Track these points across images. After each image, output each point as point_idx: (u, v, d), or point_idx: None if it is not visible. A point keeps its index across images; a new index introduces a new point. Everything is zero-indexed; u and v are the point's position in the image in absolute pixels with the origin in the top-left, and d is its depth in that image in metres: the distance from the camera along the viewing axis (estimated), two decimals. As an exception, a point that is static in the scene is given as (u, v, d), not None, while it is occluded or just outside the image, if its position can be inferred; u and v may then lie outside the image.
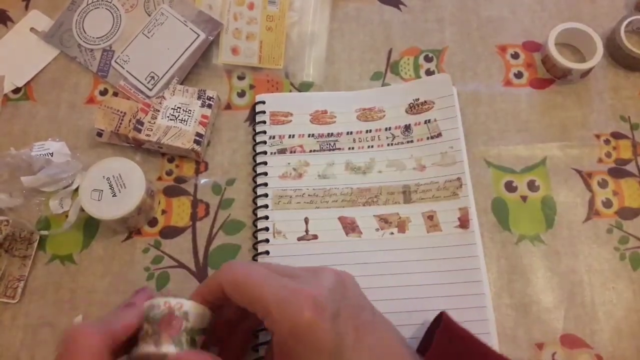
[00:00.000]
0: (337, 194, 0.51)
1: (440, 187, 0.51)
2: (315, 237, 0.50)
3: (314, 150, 0.53)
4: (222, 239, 0.51)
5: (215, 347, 0.41)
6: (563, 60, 0.54)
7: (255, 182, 0.52)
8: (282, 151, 0.53)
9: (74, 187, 0.53)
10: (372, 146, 0.53)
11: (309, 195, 0.51)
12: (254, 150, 0.54)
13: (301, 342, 0.32)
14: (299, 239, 0.50)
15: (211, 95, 0.54)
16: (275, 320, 0.32)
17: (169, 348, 0.34)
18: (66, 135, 0.55)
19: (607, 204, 0.52)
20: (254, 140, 0.54)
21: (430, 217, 0.50)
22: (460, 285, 0.47)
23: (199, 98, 0.54)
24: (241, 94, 0.57)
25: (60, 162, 0.52)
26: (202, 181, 0.53)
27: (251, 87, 0.57)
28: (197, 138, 0.52)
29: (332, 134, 0.54)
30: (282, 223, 0.50)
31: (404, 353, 0.36)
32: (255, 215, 0.51)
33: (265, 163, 0.53)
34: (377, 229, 0.50)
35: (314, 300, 0.32)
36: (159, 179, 0.54)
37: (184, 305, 0.36)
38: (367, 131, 0.54)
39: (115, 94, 0.57)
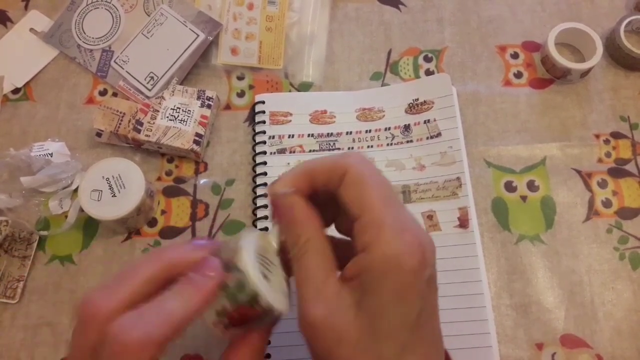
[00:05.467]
0: (337, 194, 0.51)
1: (439, 186, 0.51)
2: (314, 237, 0.50)
3: (314, 150, 0.53)
4: (221, 239, 0.51)
5: None
6: (562, 60, 0.54)
7: (254, 182, 0.52)
8: (281, 151, 0.53)
9: (73, 187, 0.52)
10: (371, 146, 0.53)
11: (308, 195, 0.51)
12: (254, 151, 0.54)
13: (390, 284, 0.28)
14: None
15: (210, 96, 0.54)
16: (382, 239, 0.28)
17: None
18: (65, 136, 0.55)
19: (607, 203, 0.52)
20: (254, 140, 0.54)
21: (430, 217, 0.50)
22: (460, 285, 0.47)
23: (198, 98, 0.54)
24: (241, 94, 0.57)
25: (60, 163, 0.52)
26: (202, 181, 0.53)
27: (251, 87, 0.57)
28: (197, 138, 0.52)
29: (331, 133, 0.54)
30: (281, 223, 0.50)
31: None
32: (255, 215, 0.51)
33: (264, 163, 0.52)
34: (376, 229, 0.50)
35: (423, 253, 0.28)
36: (159, 179, 0.54)
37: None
38: (366, 131, 0.54)
39: (115, 94, 0.57)
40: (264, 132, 0.54)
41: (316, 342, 0.29)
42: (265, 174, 0.52)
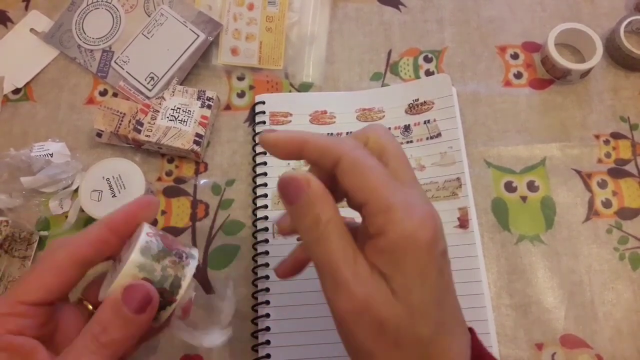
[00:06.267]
0: (337, 195, 0.51)
1: (439, 187, 0.51)
2: (314, 237, 0.50)
3: (314, 151, 0.53)
4: (221, 239, 0.51)
5: None
6: (562, 61, 0.54)
7: (254, 182, 0.52)
8: (281, 151, 0.53)
9: (73, 187, 0.52)
10: (371, 146, 0.53)
11: (308, 195, 0.51)
12: (254, 151, 0.54)
13: (413, 262, 0.28)
14: (299, 239, 0.49)
15: (211, 96, 0.54)
16: (395, 220, 0.28)
17: None
18: (66, 136, 0.55)
19: (607, 204, 0.52)
20: (254, 141, 0.54)
21: (430, 218, 0.50)
22: (460, 285, 0.46)
23: (198, 98, 0.54)
24: (241, 95, 0.57)
25: (60, 163, 0.52)
26: (202, 182, 0.53)
27: (251, 87, 0.57)
28: (197, 139, 0.52)
29: (331, 134, 0.54)
30: (281, 223, 0.50)
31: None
32: (255, 215, 0.51)
33: (264, 163, 0.53)
34: (376, 229, 0.50)
35: (435, 225, 0.29)
36: (159, 179, 0.54)
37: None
38: (366, 131, 0.54)
39: (115, 95, 0.57)
40: (264, 133, 0.54)
41: (359, 329, 0.29)
42: (265, 174, 0.52)
